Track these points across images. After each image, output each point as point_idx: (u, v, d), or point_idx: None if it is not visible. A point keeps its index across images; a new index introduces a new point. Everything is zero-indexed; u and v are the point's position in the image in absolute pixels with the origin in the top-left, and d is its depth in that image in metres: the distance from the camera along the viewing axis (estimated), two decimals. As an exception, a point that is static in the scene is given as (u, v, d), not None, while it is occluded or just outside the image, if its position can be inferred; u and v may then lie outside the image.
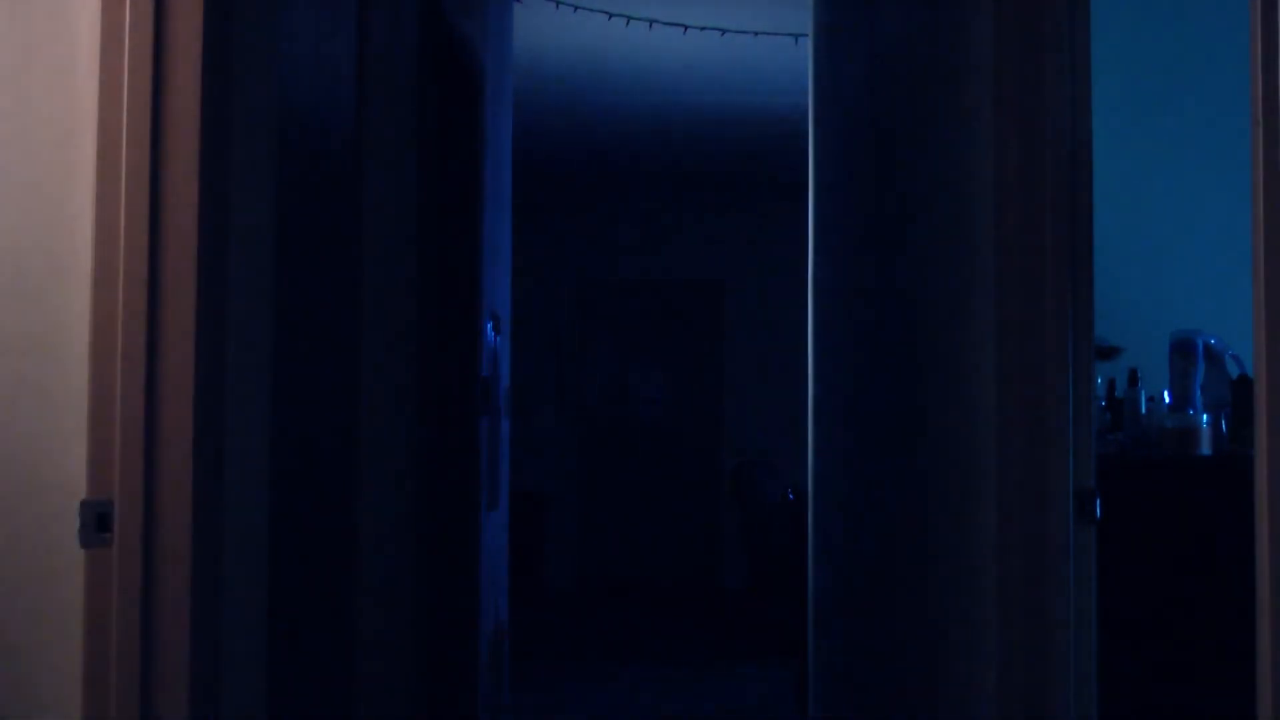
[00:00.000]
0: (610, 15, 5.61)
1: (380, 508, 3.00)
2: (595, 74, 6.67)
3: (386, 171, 3.05)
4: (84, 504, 1.88)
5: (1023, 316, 2.51)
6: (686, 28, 5.77)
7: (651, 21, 5.68)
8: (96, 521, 1.88)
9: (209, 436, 1.95)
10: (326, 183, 2.65)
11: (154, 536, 1.90)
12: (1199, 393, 3.71)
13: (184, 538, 1.90)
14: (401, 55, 3.17)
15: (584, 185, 9.68)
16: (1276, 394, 1.80)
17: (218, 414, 1.98)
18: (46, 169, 1.93)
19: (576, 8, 5.52)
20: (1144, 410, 3.62)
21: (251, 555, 2.15)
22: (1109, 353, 3.75)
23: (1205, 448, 3.44)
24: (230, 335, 2.02)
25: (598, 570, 9.98)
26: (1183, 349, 3.76)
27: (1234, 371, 3.75)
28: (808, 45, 4.58)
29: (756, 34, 5.90)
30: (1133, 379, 3.67)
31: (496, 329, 4.48)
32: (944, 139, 2.97)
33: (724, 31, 5.86)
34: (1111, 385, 3.82)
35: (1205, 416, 3.52)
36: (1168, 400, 3.75)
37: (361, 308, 2.91)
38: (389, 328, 3.08)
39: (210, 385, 1.95)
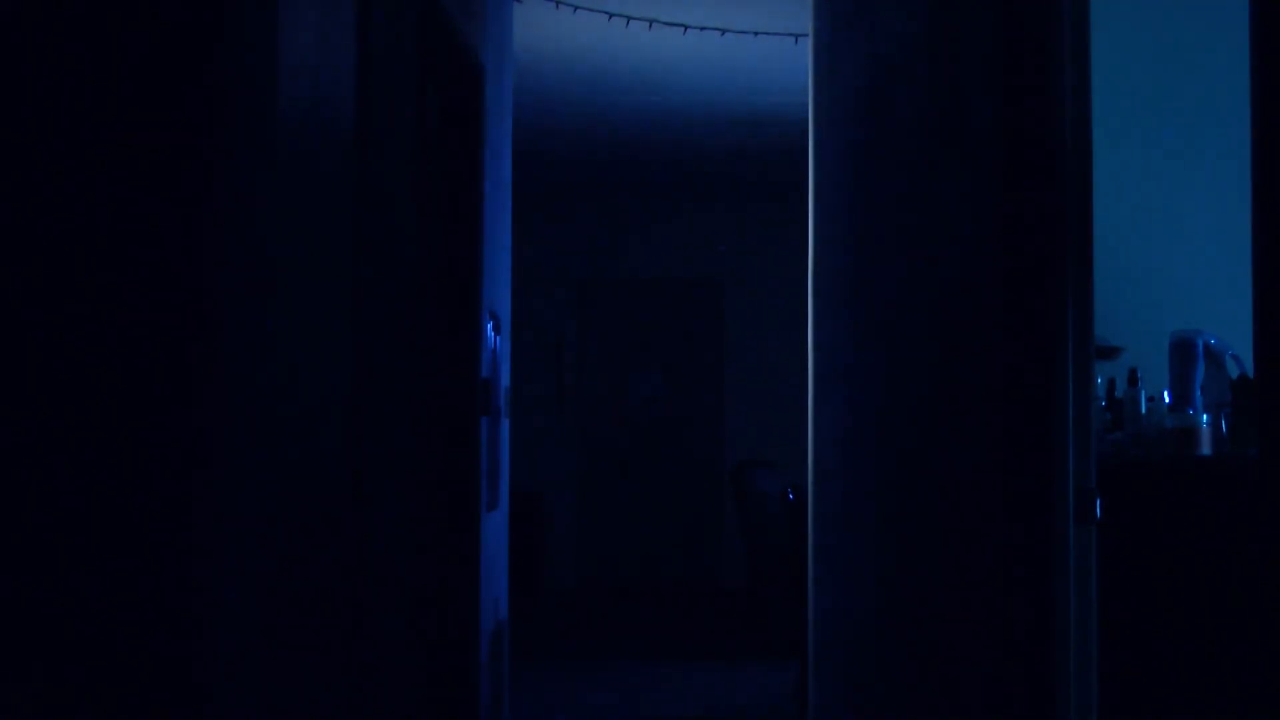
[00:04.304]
0: (610, 15, 5.61)
1: (380, 508, 3.00)
2: (595, 74, 6.67)
3: (385, 171, 3.05)
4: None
5: (1023, 317, 2.51)
6: (686, 28, 5.78)
7: (651, 21, 5.69)
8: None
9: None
10: (325, 183, 2.64)
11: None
12: (1199, 393, 3.72)
13: (184, 538, 1.90)
14: (401, 55, 3.18)
15: (584, 185, 9.68)
16: (1276, 394, 1.80)
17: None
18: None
19: (576, 8, 5.52)
20: (1144, 410, 3.62)
21: (252, 553, 2.15)
22: (1109, 353, 3.76)
23: (1205, 448, 3.44)
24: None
25: (598, 569, 9.98)
26: (1183, 349, 3.76)
27: (1234, 371, 3.75)
28: (808, 45, 4.58)
29: (756, 34, 5.90)
30: (1133, 379, 3.67)
31: (496, 329, 4.48)
32: (944, 139, 2.97)
33: (724, 31, 5.86)
34: (1111, 385, 3.82)
35: (1205, 416, 3.53)
36: (1168, 400, 3.75)
37: (360, 308, 2.91)
38: (388, 328, 3.08)
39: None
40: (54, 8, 1.85)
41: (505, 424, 4.80)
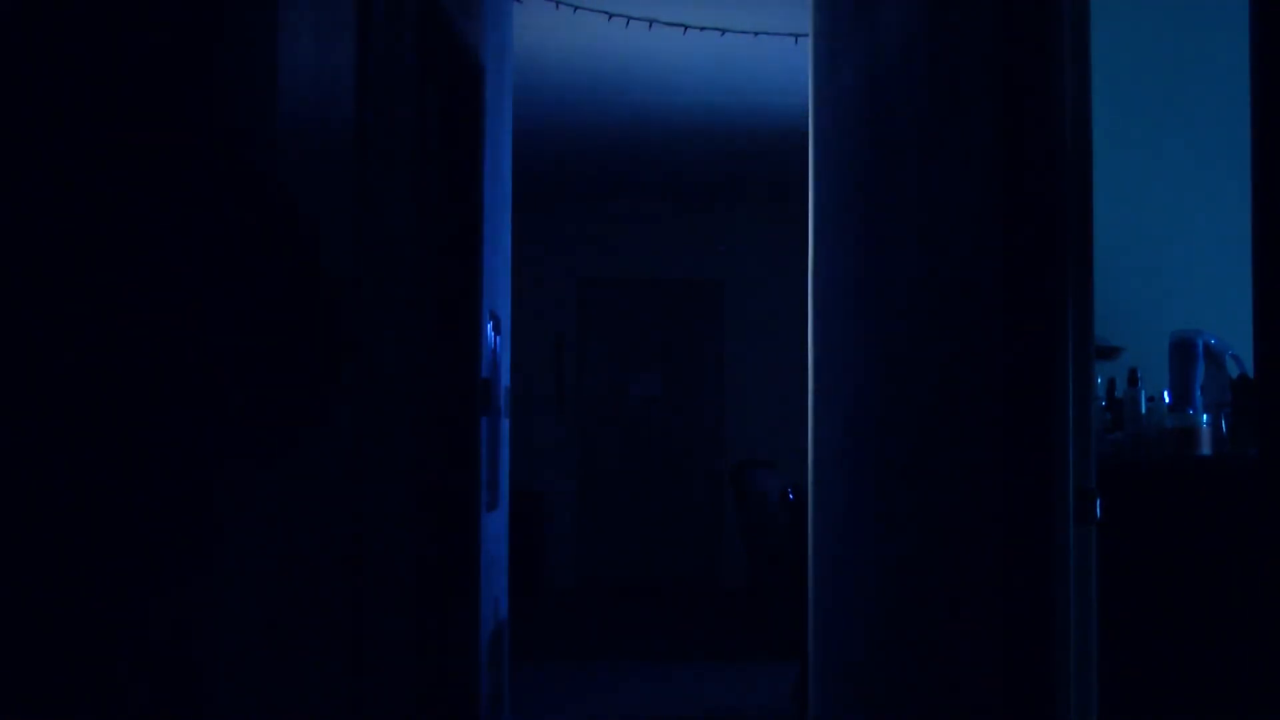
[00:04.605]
0: (610, 15, 5.61)
1: (381, 508, 3.00)
2: (595, 74, 6.67)
3: (385, 171, 3.05)
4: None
5: (1023, 317, 2.51)
6: (686, 28, 5.78)
7: (651, 21, 5.69)
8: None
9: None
10: (325, 183, 2.65)
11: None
12: (1199, 393, 3.72)
13: (184, 538, 1.90)
14: (401, 55, 3.17)
15: (584, 185, 9.68)
16: (1277, 394, 1.80)
17: (218, 414, 1.98)
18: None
19: (576, 8, 5.52)
20: (1144, 410, 3.62)
21: (252, 553, 2.15)
22: (1109, 353, 3.76)
23: (1205, 448, 3.44)
24: (230, 335, 2.02)
25: (597, 569, 9.98)
26: (1183, 349, 3.76)
27: (1234, 371, 3.75)
28: (808, 45, 4.58)
29: (756, 34, 5.91)
30: (1133, 379, 3.67)
31: (496, 329, 4.48)
32: (945, 139, 2.97)
33: (724, 31, 5.86)
34: (1111, 385, 3.82)
35: (1205, 416, 3.52)
36: (1168, 400, 3.75)
37: (360, 308, 2.90)
38: (388, 328, 3.08)
39: (210, 385, 1.95)
40: (52, 8, 1.85)
41: (505, 424, 4.80)
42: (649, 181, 9.52)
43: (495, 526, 4.55)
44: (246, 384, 1.96)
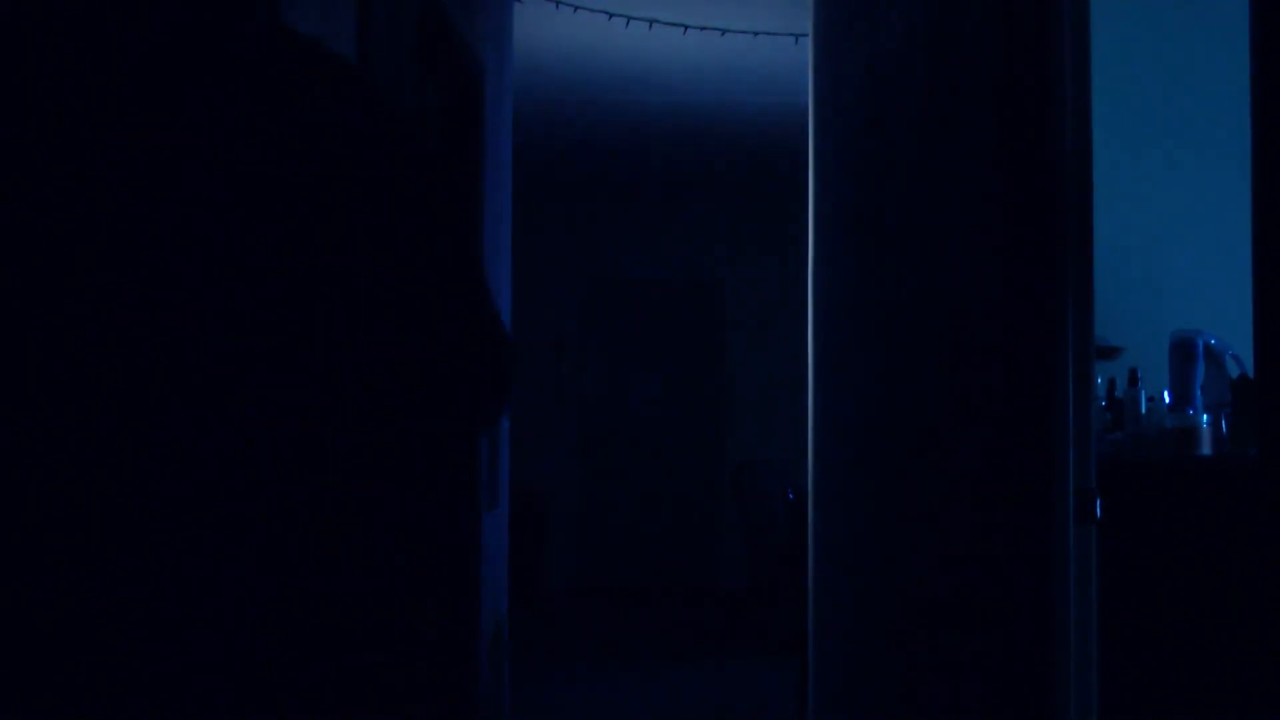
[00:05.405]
0: (610, 15, 5.61)
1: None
2: (595, 74, 6.68)
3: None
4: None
5: (1023, 317, 2.51)
6: (686, 28, 5.78)
7: (651, 21, 5.69)
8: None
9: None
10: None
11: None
12: (1199, 393, 3.72)
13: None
14: (401, 54, 3.17)
15: (584, 185, 9.68)
16: (1277, 394, 1.80)
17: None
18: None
19: (576, 8, 5.53)
20: (1144, 410, 3.63)
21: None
22: (1109, 353, 3.76)
23: (1205, 448, 3.44)
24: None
25: (598, 570, 9.98)
26: (1183, 349, 3.76)
27: (1234, 371, 3.75)
28: (808, 45, 4.58)
29: (756, 34, 5.91)
30: (1133, 379, 3.67)
31: (496, 329, 4.47)
32: (944, 138, 2.97)
33: (724, 31, 5.87)
34: (1111, 385, 3.82)
35: (1205, 416, 3.53)
36: (1168, 400, 3.75)
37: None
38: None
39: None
40: (49, 8, 1.85)
41: (505, 424, 4.80)
42: (649, 181, 9.52)
43: (495, 526, 4.55)
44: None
